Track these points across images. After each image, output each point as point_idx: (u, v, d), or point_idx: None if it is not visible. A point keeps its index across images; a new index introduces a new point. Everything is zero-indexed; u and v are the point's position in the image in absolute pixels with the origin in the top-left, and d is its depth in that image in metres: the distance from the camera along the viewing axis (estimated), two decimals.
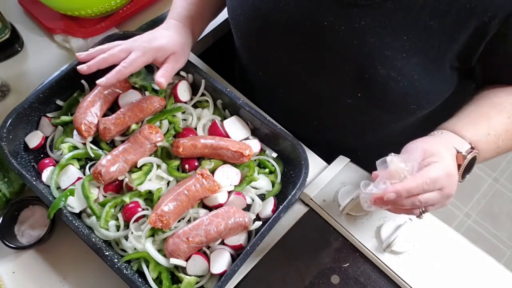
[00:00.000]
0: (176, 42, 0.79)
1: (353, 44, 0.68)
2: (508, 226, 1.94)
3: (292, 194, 0.73)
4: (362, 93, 0.73)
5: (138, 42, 0.77)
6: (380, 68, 0.67)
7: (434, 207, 0.61)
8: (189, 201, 0.72)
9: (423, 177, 0.57)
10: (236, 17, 0.80)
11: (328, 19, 0.68)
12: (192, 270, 0.70)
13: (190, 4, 0.86)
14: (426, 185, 0.57)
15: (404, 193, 0.57)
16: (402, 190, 0.57)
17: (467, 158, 0.62)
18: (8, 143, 0.77)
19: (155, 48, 0.76)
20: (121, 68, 0.74)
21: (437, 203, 0.60)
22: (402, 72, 0.67)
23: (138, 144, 0.77)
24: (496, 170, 2.07)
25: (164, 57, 0.79)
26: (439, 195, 0.59)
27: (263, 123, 0.80)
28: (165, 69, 0.77)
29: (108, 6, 0.95)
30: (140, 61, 0.75)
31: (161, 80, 0.75)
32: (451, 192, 0.59)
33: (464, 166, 0.62)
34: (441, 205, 0.61)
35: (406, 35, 0.65)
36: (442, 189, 0.59)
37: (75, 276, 0.76)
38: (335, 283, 0.71)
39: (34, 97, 0.80)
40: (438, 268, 0.71)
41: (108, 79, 0.74)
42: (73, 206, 0.74)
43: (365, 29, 0.66)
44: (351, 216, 0.75)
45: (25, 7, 1.04)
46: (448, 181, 0.58)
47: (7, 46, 0.97)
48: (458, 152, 0.62)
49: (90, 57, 0.76)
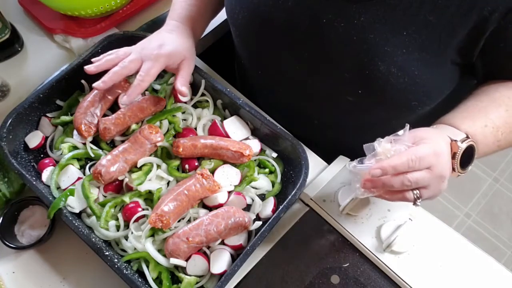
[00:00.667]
0: (184, 47, 0.79)
1: (352, 40, 0.67)
2: (508, 226, 1.94)
3: (292, 194, 0.73)
4: (362, 90, 0.72)
5: (148, 50, 0.76)
6: (380, 64, 0.67)
7: (428, 191, 0.59)
8: (189, 201, 0.72)
9: (409, 154, 0.57)
10: (235, 15, 0.80)
11: (327, 16, 0.68)
12: (192, 270, 0.70)
13: (189, 5, 0.86)
14: (412, 161, 0.56)
15: (389, 169, 0.56)
16: (387, 166, 0.56)
17: (462, 146, 0.61)
18: (8, 143, 0.77)
19: (166, 55, 0.76)
20: (138, 82, 0.74)
21: (429, 185, 0.58)
22: (402, 68, 0.67)
23: (138, 144, 0.77)
24: (496, 170, 2.07)
25: (176, 63, 0.79)
26: (429, 175, 0.57)
27: (263, 123, 0.80)
28: (183, 76, 0.78)
29: (108, 6, 0.95)
30: (154, 71, 0.75)
31: (183, 89, 0.77)
32: (442, 172, 0.58)
33: (460, 153, 0.60)
34: (437, 190, 0.59)
35: (406, 30, 0.65)
36: (431, 168, 0.57)
37: (75, 276, 0.76)
38: (335, 283, 0.71)
39: (34, 97, 0.80)
40: (438, 268, 0.71)
41: (105, 82, 0.74)
42: (73, 206, 0.74)
43: (365, 26, 0.66)
44: (351, 216, 0.75)
45: (25, 7, 1.04)
46: (436, 160, 0.57)
47: (7, 46, 0.97)
48: (452, 141, 0.61)
49: (99, 69, 0.76)
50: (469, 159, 0.63)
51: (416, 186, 0.58)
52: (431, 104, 0.74)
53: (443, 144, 0.60)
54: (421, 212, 0.76)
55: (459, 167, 0.62)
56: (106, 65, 0.75)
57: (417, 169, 0.57)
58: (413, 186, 0.58)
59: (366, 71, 0.69)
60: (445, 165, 0.59)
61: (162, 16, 1.03)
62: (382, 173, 0.57)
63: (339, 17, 0.67)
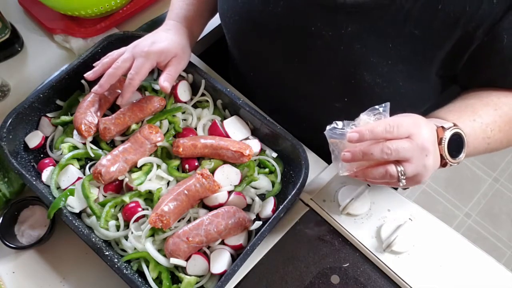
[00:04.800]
0: (177, 44, 0.79)
1: (339, 50, 0.68)
2: (508, 226, 1.94)
3: (292, 194, 0.73)
4: (348, 98, 0.73)
5: (139, 48, 0.77)
6: (366, 74, 0.68)
7: (411, 165, 0.56)
8: (189, 201, 0.72)
9: (387, 120, 0.56)
10: (226, 18, 0.80)
11: (316, 25, 0.68)
12: (192, 270, 0.70)
13: (188, 5, 0.86)
14: (390, 126, 0.55)
15: (366, 132, 0.55)
16: (364, 129, 0.55)
17: (448, 132, 0.59)
18: (8, 143, 0.77)
19: (157, 52, 0.76)
20: (128, 81, 0.74)
21: (412, 157, 0.55)
22: (387, 78, 0.68)
23: (138, 144, 0.77)
24: (496, 170, 2.07)
25: (166, 60, 0.79)
26: (410, 144, 0.55)
27: (263, 123, 0.80)
28: (168, 72, 0.78)
29: (108, 6, 0.95)
30: (145, 68, 0.75)
31: (165, 85, 0.76)
32: (424, 143, 0.56)
33: (446, 139, 0.59)
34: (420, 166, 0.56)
35: (391, 42, 0.65)
36: (411, 137, 0.55)
37: (75, 276, 0.76)
38: (335, 283, 0.71)
39: (34, 97, 0.80)
40: (438, 268, 0.71)
41: (101, 86, 0.75)
42: (73, 206, 0.74)
43: (351, 36, 0.66)
44: (351, 216, 0.75)
45: (25, 7, 1.04)
46: (416, 130, 0.56)
47: (7, 46, 0.97)
48: (439, 127, 0.60)
49: (97, 74, 0.77)
50: (458, 148, 0.61)
51: (397, 155, 0.55)
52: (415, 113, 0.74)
53: (424, 120, 0.59)
54: (421, 212, 0.76)
55: (448, 155, 0.59)
56: (102, 69, 0.76)
57: (395, 136, 0.55)
58: (393, 156, 0.55)
59: (351, 80, 0.70)
60: (426, 136, 0.56)
61: (162, 16, 1.03)
62: (359, 137, 0.55)
63: (327, 26, 0.67)
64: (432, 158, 0.57)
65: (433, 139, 0.58)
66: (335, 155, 0.62)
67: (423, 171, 0.57)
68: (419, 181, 0.59)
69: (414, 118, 0.58)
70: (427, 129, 0.58)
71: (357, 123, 0.59)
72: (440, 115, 0.66)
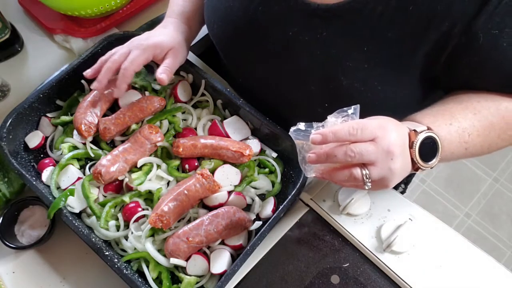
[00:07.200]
0: (174, 38, 0.80)
1: (316, 54, 0.68)
2: (508, 226, 1.94)
3: (292, 194, 0.73)
4: (329, 103, 0.72)
5: (136, 42, 0.77)
6: (343, 79, 0.67)
7: (376, 168, 0.55)
8: (189, 201, 0.72)
9: (351, 122, 0.55)
10: (211, 24, 0.81)
11: (293, 29, 0.68)
12: (192, 270, 0.70)
13: (185, 1, 0.87)
14: (353, 129, 0.54)
15: (329, 134, 0.54)
16: (328, 131, 0.55)
17: (420, 135, 0.58)
18: (8, 143, 0.77)
19: (153, 45, 0.76)
20: (122, 72, 0.74)
21: (376, 160, 0.54)
22: (365, 83, 0.67)
23: (138, 144, 0.77)
24: (496, 170, 2.07)
25: (163, 54, 0.79)
26: (374, 147, 0.54)
27: (263, 123, 0.80)
28: (165, 64, 0.77)
29: (108, 6, 0.96)
30: (140, 59, 0.75)
31: (162, 76, 0.75)
32: (389, 147, 0.54)
33: (417, 142, 0.57)
34: (386, 169, 0.55)
35: (366, 46, 0.64)
36: (376, 141, 0.54)
37: (75, 276, 0.76)
38: (335, 283, 0.71)
39: (34, 97, 0.81)
40: (438, 268, 0.71)
41: (99, 81, 0.74)
42: (73, 206, 0.74)
43: (327, 40, 0.66)
44: (351, 216, 0.75)
45: (25, 7, 1.04)
46: (381, 132, 0.55)
47: (7, 46, 0.97)
48: (411, 130, 0.58)
49: (96, 72, 0.77)
50: (432, 152, 0.60)
51: (361, 158, 0.54)
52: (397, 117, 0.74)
53: (392, 122, 0.58)
54: (421, 212, 0.76)
55: (419, 158, 0.58)
56: (100, 66, 0.76)
57: (359, 139, 0.54)
58: (357, 158, 0.54)
59: (330, 86, 0.69)
60: (392, 139, 0.55)
61: (161, 16, 1.03)
62: (322, 139, 0.55)
63: (304, 31, 0.67)
64: (400, 162, 0.56)
65: (401, 142, 0.57)
66: (302, 156, 0.61)
67: (389, 175, 0.56)
68: (387, 185, 0.58)
69: (381, 120, 0.57)
70: (395, 132, 0.57)
71: (324, 125, 0.59)
72: (416, 118, 0.64)
